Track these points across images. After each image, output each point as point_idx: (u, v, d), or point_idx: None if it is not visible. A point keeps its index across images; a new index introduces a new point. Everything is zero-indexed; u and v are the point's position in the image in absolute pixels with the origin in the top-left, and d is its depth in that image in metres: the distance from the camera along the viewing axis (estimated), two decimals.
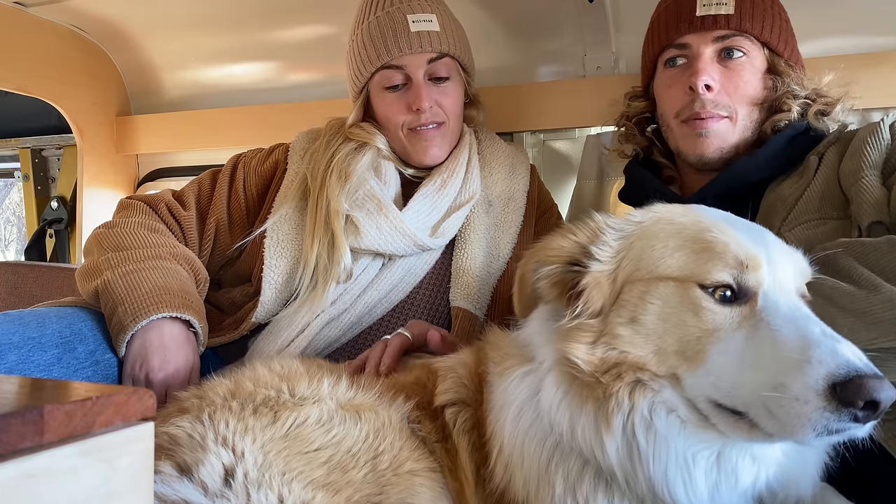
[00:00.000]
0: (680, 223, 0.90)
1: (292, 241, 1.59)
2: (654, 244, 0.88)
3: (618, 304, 0.88)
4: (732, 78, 1.41)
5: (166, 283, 1.39)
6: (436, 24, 1.61)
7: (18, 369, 1.21)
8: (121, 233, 1.51)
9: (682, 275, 0.84)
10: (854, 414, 0.72)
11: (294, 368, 1.12)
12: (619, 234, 0.93)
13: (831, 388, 0.71)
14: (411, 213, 1.59)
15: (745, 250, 0.84)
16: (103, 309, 1.38)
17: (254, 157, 1.75)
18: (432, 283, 1.64)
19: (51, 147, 2.98)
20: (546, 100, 2.09)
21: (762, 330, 0.79)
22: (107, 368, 1.34)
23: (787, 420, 0.74)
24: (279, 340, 1.52)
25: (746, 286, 0.83)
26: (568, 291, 0.92)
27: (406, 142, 1.64)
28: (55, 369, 1.27)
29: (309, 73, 2.50)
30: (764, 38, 1.42)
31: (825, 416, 0.72)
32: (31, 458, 0.52)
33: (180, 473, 0.85)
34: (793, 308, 0.82)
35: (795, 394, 0.73)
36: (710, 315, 0.82)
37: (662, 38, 1.49)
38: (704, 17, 1.41)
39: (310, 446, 0.92)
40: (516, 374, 0.97)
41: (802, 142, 1.40)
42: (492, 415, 0.98)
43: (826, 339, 0.76)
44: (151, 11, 2.42)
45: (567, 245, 0.94)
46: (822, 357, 0.73)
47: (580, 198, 2.06)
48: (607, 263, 0.90)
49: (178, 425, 0.92)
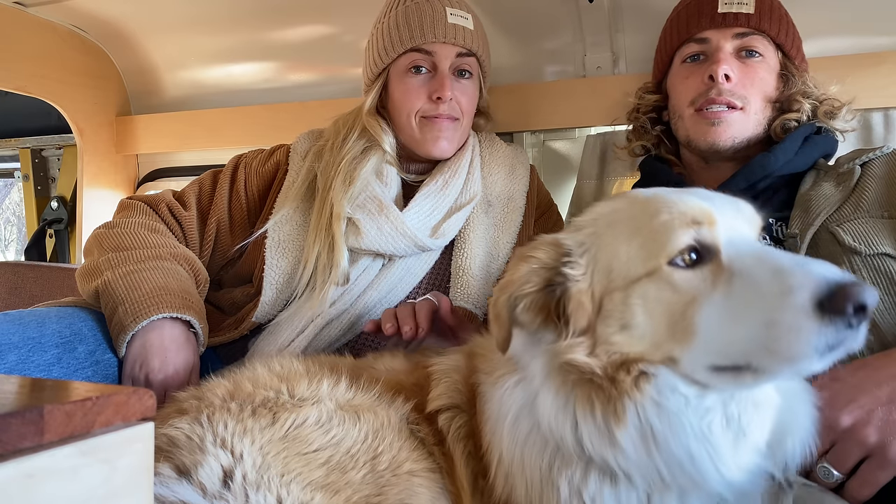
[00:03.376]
0: (629, 215, 0.90)
1: (293, 241, 1.60)
2: (617, 250, 0.88)
3: (603, 315, 0.88)
4: (749, 73, 1.46)
5: (167, 284, 1.39)
6: (471, 22, 1.65)
7: (18, 369, 1.21)
8: (121, 233, 1.51)
9: (650, 267, 0.84)
10: (847, 321, 0.73)
11: (293, 369, 1.11)
12: (580, 248, 0.92)
13: (819, 306, 0.73)
14: (412, 213, 1.59)
15: (695, 208, 0.85)
16: (103, 309, 1.38)
17: (255, 157, 1.75)
18: (432, 283, 1.64)
19: (51, 147, 2.98)
20: (546, 100, 2.09)
21: (736, 281, 0.80)
22: (107, 368, 1.34)
23: (788, 352, 0.75)
24: (279, 341, 1.52)
25: (706, 243, 0.83)
26: (550, 314, 0.91)
27: (417, 130, 1.63)
28: (55, 369, 1.27)
29: (309, 73, 2.50)
30: (779, 39, 1.49)
31: (823, 333, 0.73)
32: (31, 458, 0.52)
33: (179, 475, 0.84)
34: (757, 249, 0.83)
35: (789, 324, 0.74)
36: (685, 283, 0.82)
37: (682, 33, 1.54)
38: (726, 14, 1.46)
39: (309, 447, 0.92)
40: (508, 384, 0.96)
41: (818, 141, 1.46)
42: (488, 425, 0.97)
43: (797, 265, 0.77)
44: (151, 11, 2.42)
45: (536, 268, 0.92)
46: (800, 282, 0.74)
47: (580, 198, 2.06)
48: (583, 281, 0.89)
49: (177, 427, 0.92)
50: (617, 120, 1.86)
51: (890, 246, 1.21)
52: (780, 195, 1.44)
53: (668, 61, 1.61)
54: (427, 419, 1.05)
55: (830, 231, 1.28)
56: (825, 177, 1.41)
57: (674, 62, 1.59)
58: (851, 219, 1.28)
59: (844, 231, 1.26)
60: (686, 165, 1.63)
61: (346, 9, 2.20)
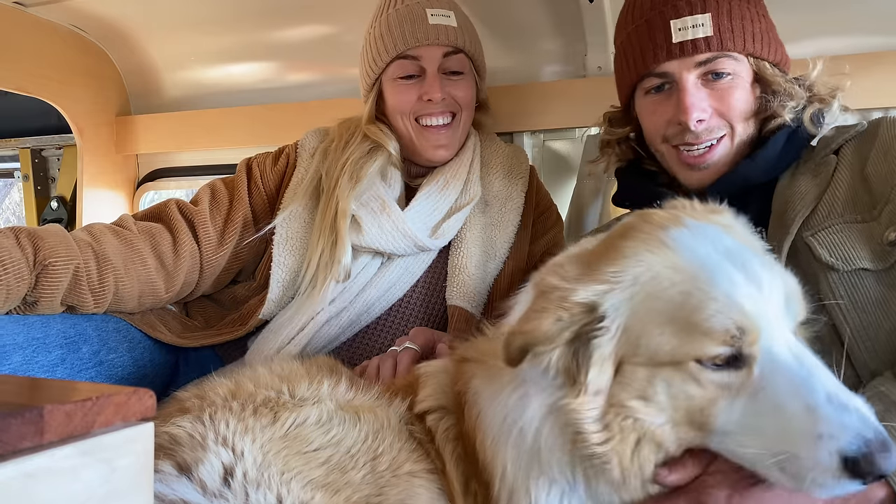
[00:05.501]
0: (670, 296, 0.85)
1: (301, 239, 1.60)
2: (650, 329, 0.85)
3: (621, 381, 0.87)
4: (724, 98, 1.32)
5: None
6: (453, 20, 1.63)
7: (23, 370, 1.21)
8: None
9: (679, 358, 0.84)
10: (863, 482, 0.77)
11: (294, 370, 1.13)
12: (615, 312, 0.87)
13: (843, 461, 0.76)
14: (413, 212, 1.59)
15: (741, 314, 0.81)
16: None
17: (266, 157, 1.75)
18: (429, 282, 1.65)
19: (51, 147, 2.98)
20: (546, 100, 2.09)
21: (763, 397, 0.81)
22: (111, 369, 1.34)
23: (799, 481, 0.79)
24: (280, 338, 1.52)
25: (743, 354, 0.83)
26: (567, 370, 0.89)
27: (415, 137, 1.64)
28: (59, 370, 1.27)
29: (309, 73, 2.50)
30: (748, 50, 1.32)
31: (838, 483, 0.77)
32: (31, 458, 0.52)
33: (179, 472, 0.85)
34: (793, 368, 0.82)
35: (811, 466, 0.77)
36: (710, 383, 0.83)
37: (640, 66, 1.37)
38: (683, 43, 1.30)
39: (309, 446, 0.92)
40: (514, 395, 0.94)
41: (799, 138, 1.35)
42: (486, 437, 0.96)
43: (833, 410, 0.78)
44: (151, 11, 2.42)
45: (564, 327, 0.87)
46: (832, 431, 0.76)
47: (580, 198, 2.06)
48: (607, 346, 0.87)
49: (179, 425, 0.93)
50: None
51: (867, 259, 1.13)
52: (756, 195, 1.34)
53: (630, 92, 1.45)
54: (419, 419, 1.06)
55: (806, 242, 1.20)
56: (803, 167, 1.32)
57: (636, 94, 1.44)
58: (825, 226, 1.20)
59: (820, 243, 1.18)
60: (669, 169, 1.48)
61: (346, 9, 2.19)
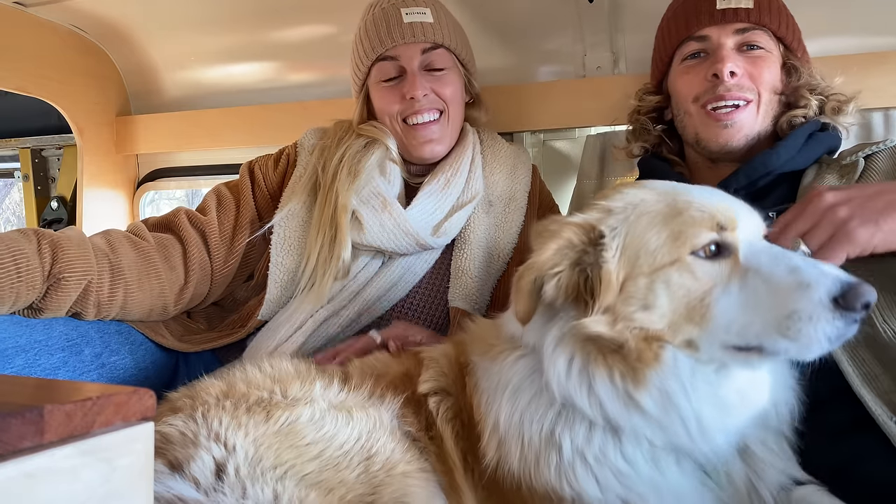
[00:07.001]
0: (659, 209, 0.97)
1: (298, 238, 1.59)
2: (647, 239, 0.95)
3: (624, 295, 0.94)
4: (755, 65, 1.45)
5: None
6: (429, 16, 1.62)
7: (25, 373, 1.21)
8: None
9: (675, 256, 0.93)
10: (855, 316, 0.85)
11: (285, 370, 1.14)
12: (613, 232, 0.97)
13: (834, 301, 0.85)
14: (415, 211, 1.59)
15: (720, 210, 0.94)
16: None
17: (267, 159, 1.76)
18: (431, 282, 1.64)
19: (51, 147, 2.97)
20: (546, 100, 2.09)
21: (753, 276, 0.91)
22: (113, 371, 1.34)
23: (803, 338, 0.86)
24: (278, 336, 1.52)
25: (727, 243, 0.93)
26: (577, 292, 0.96)
27: (403, 137, 1.64)
28: (61, 372, 1.27)
29: (309, 73, 2.50)
30: (780, 33, 1.47)
31: (835, 325, 0.85)
32: (31, 458, 0.52)
33: (172, 470, 0.85)
34: (771, 251, 0.94)
35: (808, 314, 0.85)
36: (704, 273, 0.92)
37: (682, 31, 1.52)
38: (725, 10, 1.45)
39: (301, 440, 0.94)
40: (509, 359, 1.04)
41: (822, 138, 1.44)
42: (482, 397, 1.04)
43: (811, 265, 0.88)
44: (151, 11, 2.42)
45: (566, 248, 0.97)
46: (817, 279, 0.86)
47: (580, 198, 2.05)
48: (612, 263, 0.95)
49: (171, 424, 0.94)
50: (617, 120, 1.86)
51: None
52: (780, 190, 1.42)
53: (668, 61, 1.59)
54: (415, 408, 1.10)
55: None
56: (828, 170, 1.39)
57: (673, 61, 1.57)
58: None
59: None
60: (690, 164, 1.61)
61: (346, 9, 2.18)
